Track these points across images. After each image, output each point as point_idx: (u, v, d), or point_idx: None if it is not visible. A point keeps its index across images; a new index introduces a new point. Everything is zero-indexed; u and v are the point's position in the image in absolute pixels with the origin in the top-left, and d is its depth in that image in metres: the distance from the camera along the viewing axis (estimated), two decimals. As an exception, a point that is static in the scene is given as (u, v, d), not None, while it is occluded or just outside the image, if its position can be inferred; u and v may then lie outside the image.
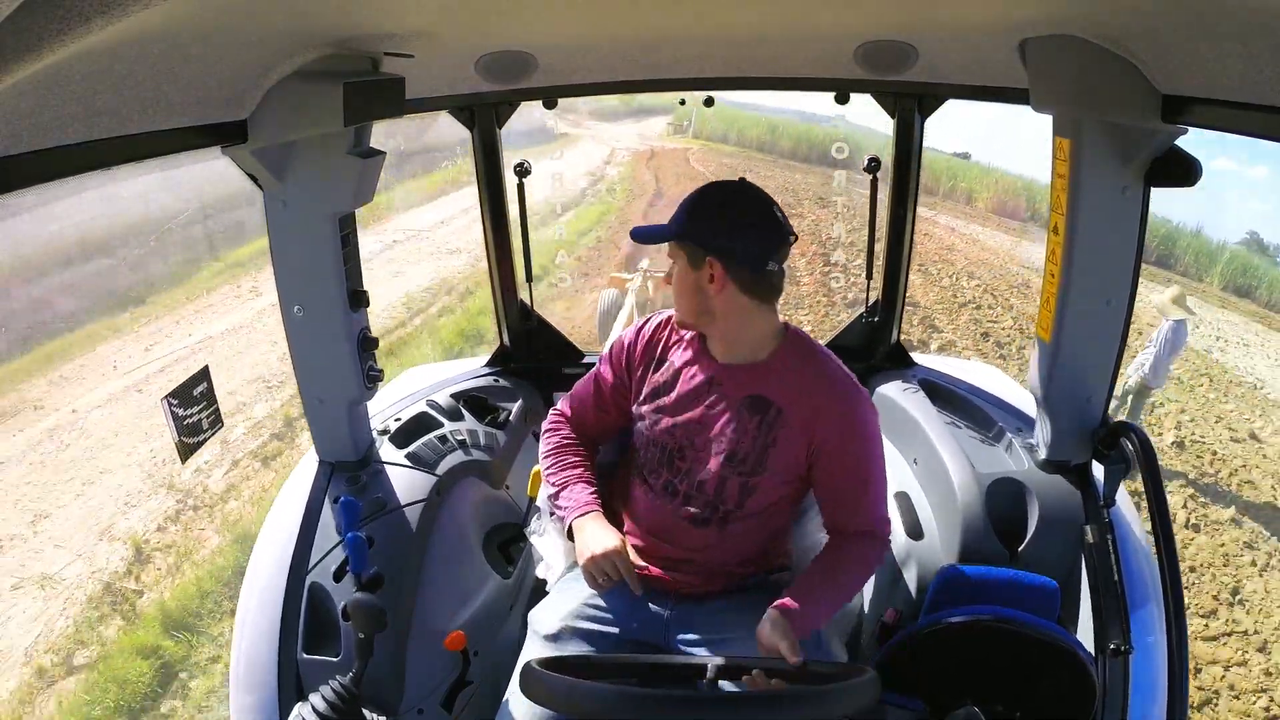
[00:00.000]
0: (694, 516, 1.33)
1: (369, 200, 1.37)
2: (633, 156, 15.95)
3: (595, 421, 1.50)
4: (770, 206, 1.27)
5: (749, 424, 1.29)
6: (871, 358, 2.04)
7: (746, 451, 1.29)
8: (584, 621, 1.32)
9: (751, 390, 1.30)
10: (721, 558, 1.35)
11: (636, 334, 1.45)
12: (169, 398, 1.24)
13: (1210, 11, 0.79)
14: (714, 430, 1.31)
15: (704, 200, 1.29)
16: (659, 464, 1.37)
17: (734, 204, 1.27)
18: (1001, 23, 1.14)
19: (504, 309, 2.07)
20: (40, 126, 0.71)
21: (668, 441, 1.36)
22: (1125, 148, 1.19)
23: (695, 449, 1.33)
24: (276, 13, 0.85)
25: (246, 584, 1.43)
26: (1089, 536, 1.37)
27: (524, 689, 1.04)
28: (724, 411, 1.31)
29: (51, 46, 0.50)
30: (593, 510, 1.36)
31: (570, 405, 1.52)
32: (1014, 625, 1.22)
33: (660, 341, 1.42)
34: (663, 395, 1.37)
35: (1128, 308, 1.33)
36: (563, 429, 1.51)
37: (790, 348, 1.32)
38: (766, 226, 1.25)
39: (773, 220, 1.25)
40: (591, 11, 1.12)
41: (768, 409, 1.29)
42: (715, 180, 1.34)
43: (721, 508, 1.32)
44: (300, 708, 1.19)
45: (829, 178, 10.37)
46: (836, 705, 0.96)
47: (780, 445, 1.29)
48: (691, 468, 1.33)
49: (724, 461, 1.30)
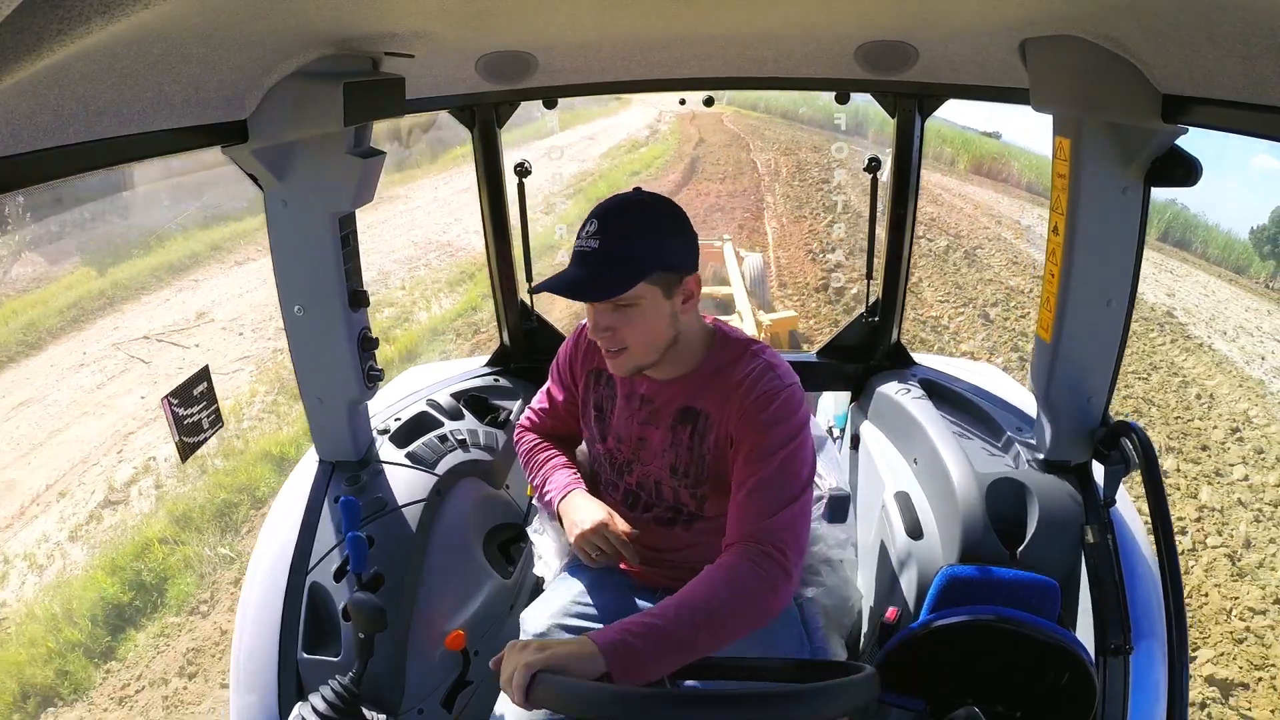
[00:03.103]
0: (660, 519, 1.33)
1: (369, 200, 1.37)
2: (676, 117, 18.52)
3: (555, 428, 1.49)
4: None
5: (682, 436, 1.26)
6: (871, 358, 2.04)
7: (686, 464, 1.27)
8: (573, 619, 1.33)
9: (681, 403, 1.26)
10: (700, 555, 1.33)
11: (575, 345, 1.40)
12: (169, 397, 1.24)
13: (1210, 11, 0.79)
14: (652, 446, 1.30)
15: (646, 218, 1.13)
16: (613, 475, 1.36)
17: (665, 209, 1.16)
18: (1001, 23, 1.13)
19: (504, 309, 2.07)
20: (40, 126, 0.71)
21: (616, 456, 1.35)
22: (1125, 148, 1.19)
23: (642, 463, 1.32)
24: (276, 13, 0.85)
25: (246, 584, 1.43)
26: (1089, 536, 1.37)
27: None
28: (658, 428, 1.28)
29: (51, 46, 0.50)
30: (575, 488, 1.35)
31: (531, 416, 1.52)
32: (1014, 625, 1.22)
33: (598, 353, 1.32)
34: (604, 413, 1.36)
35: (1128, 308, 1.33)
36: (527, 435, 1.51)
37: (718, 353, 1.26)
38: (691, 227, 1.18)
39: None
40: (591, 11, 1.12)
41: (696, 418, 1.25)
42: (612, 196, 1.16)
43: (684, 510, 1.31)
44: (300, 707, 1.20)
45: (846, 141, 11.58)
46: (836, 704, 0.96)
47: (712, 452, 1.24)
48: (642, 480, 1.33)
49: (669, 474, 1.29)
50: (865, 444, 1.95)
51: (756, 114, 20.54)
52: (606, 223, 1.12)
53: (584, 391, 1.40)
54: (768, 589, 1.07)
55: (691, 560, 1.34)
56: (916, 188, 1.89)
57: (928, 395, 1.80)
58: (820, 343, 1.34)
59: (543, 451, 1.46)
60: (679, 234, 1.16)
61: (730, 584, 1.05)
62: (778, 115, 20.57)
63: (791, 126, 18.77)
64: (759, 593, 1.06)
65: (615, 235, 1.11)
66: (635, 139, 16.24)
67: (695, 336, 1.25)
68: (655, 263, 1.12)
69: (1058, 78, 1.17)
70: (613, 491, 1.38)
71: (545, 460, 1.44)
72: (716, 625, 1.01)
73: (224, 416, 1.32)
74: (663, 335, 1.18)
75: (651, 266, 1.11)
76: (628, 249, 1.11)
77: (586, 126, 16.96)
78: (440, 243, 9.40)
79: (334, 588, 1.36)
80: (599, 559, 1.28)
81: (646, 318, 1.15)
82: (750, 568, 1.07)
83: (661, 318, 1.16)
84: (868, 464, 1.93)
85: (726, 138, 16.66)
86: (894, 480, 1.74)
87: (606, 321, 1.16)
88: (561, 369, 1.44)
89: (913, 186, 1.88)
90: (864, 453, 1.97)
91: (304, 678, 1.31)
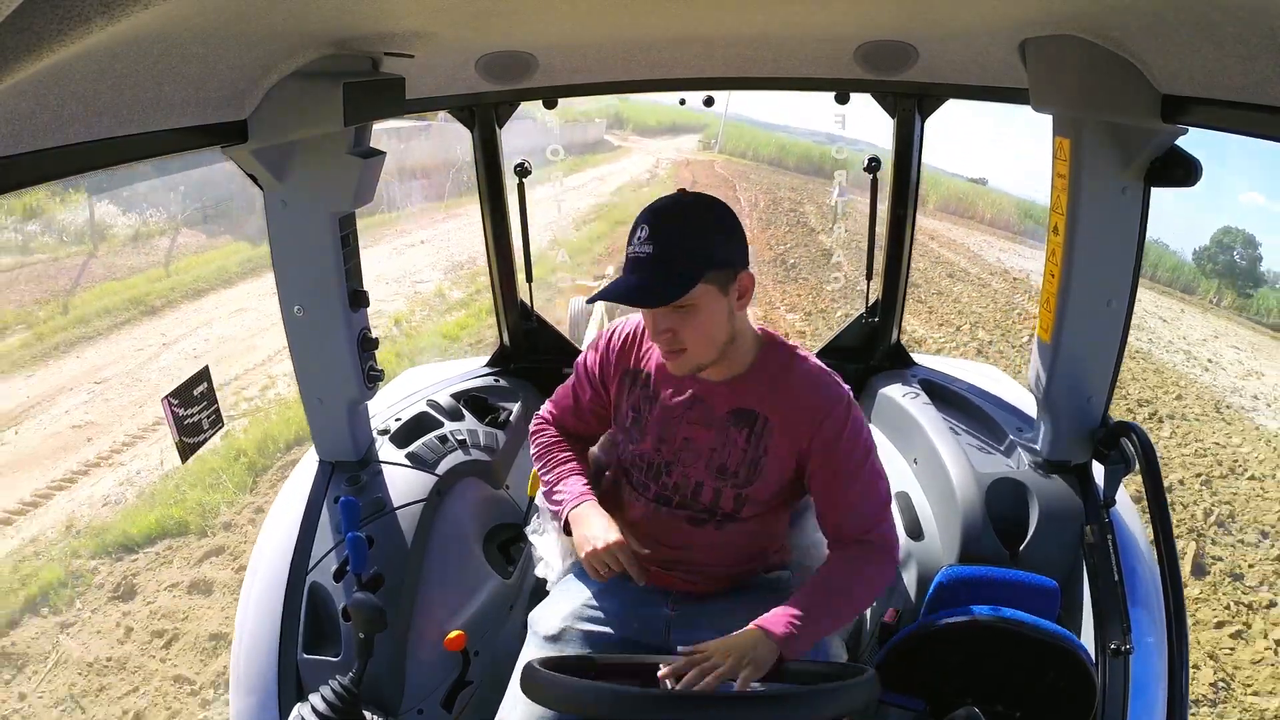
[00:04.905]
0: (690, 518, 1.32)
1: (369, 200, 1.37)
2: (673, 165, 21.54)
3: (576, 427, 1.49)
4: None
5: (737, 437, 1.26)
6: (871, 358, 2.04)
7: (737, 465, 1.27)
8: (584, 622, 1.32)
9: (735, 404, 1.26)
10: (719, 557, 1.34)
11: (607, 346, 1.39)
12: (169, 397, 1.24)
13: (1210, 11, 0.78)
14: (700, 447, 1.29)
15: (696, 219, 1.15)
16: (647, 478, 1.35)
17: (713, 208, 1.18)
18: (1001, 23, 1.13)
19: (504, 309, 2.07)
20: (40, 126, 0.71)
21: (654, 458, 1.33)
22: (1125, 148, 1.19)
23: (683, 465, 1.31)
24: (276, 13, 0.85)
25: (246, 584, 1.43)
26: (1089, 536, 1.37)
27: (525, 689, 1.04)
28: (709, 428, 1.28)
29: (51, 46, 0.50)
30: (587, 499, 1.35)
31: (553, 410, 1.51)
32: (1014, 625, 1.22)
33: (632, 354, 1.35)
34: (643, 414, 1.34)
35: (1128, 308, 1.33)
36: (548, 429, 1.50)
37: (768, 355, 1.28)
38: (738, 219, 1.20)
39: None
40: (591, 12, 1.12)
41: (755, 420, 1.25)
42: (659, 199, 1.19)
43: (719, 512, 1.31)
44: (300, 708, 1.20)
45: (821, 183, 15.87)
46: (836, 705, 0.96)
47: (771, 454, 1.26)
48: (680, 482, 1.32)
49: (714, 475, 1.29)
50: None
51: (745, 161, 23.82)
52: (657, 226, 1.13)
53: (617, 394, 1.38)
54: (885, 577, 1.26)
55: (712, 562, 1.34)
56: (917, 188, 1.89)
57: (928, 395, 1.80)
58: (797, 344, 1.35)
59: (561, 450, 1.45)
60: (729, 231, 1.17)
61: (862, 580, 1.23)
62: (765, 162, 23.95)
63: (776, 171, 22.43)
64: (878, 580, 1.25)
65: (668, 238, 1.12)
66: (638, 180, 18.74)
67: (747, 336, 1.26)
68: (708, 262, 1.12)
69: (1057, 78, 1.17)
70: (643, 492, 1.36)
71: (562, 460, 1.43)
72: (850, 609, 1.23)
73: (401, 318, 1.38)
74: (722, 333, 1.19)
75: (706, 266, 1.12)
76: (681, 251, 1.12)
77: (595, 170, 19.47)
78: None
79: (334, 588, 1.36)
80: (605, 575, 1.28)
81: (704, 317, 1.15)
82: (872, 567, 1.24)
83: (720, 316, 1.17)
84: None
85: (717, 180, 19.29)
86: (894, 480, 1.74)
87: (666, 324, 1.16)
88: (590, 370, 1.41)
89: (913, 187, 1.88)
90: None
91: (304, 678, 1.31)
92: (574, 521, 1.33)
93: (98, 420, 6.07)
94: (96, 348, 7.68)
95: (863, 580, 1.23)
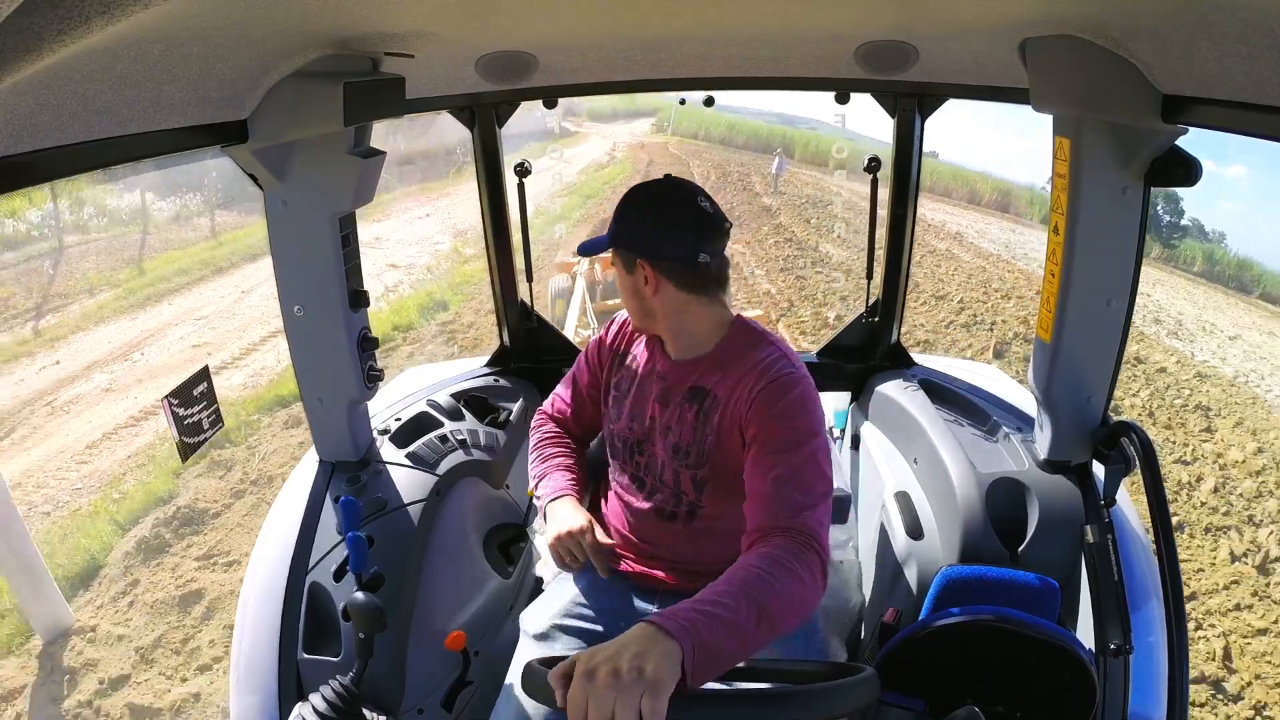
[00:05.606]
0: (661, 510, 1.34)
1: (369, 200, 1.37)
2: (628, 148, 23.31)
3: (575, 419, 1.53)
4: (696, 199, 1.25)
5: (688, 414, 1.29)
6: (871, 357, 2.04)
7: (689, 443, 1.29)
8: (572, 620, 1.33)
9: (693, 382, 1.30)
10: (695, 556, 1.34)
11: (606, 332, 1.48)
12: (169, 397, 1.24)
13: (1210, 11, 0.78)
14: (661, 424, 1.33)
15: (629, 204, 1.28)
16: (624, 458, 1.39)
17: (658, 203, 1.26)
18: (1001, 23, 1.13)
19: (504, 309, 2.07)
20: (40, 126, 0.71)
21: (628, 436, 1.38)
22: (1125, 148, 1.19)
23: (650, 443, 1.35)
24: (276, 13, 0.85)
25: (246, 584, 1.43)
26: (1089, 536, 1.37)
27: (525, 688, 1.04)
28: (669, 405, 1.32)
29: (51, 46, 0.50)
30: (565, 495, 1.38)
31: (552, 404, 1.56)
32: (1014, 625, 1.22)
33: (624, 339, 1.45)
34: (622, 392, 1.40)
35: (1128, 308, 1.33)
36: (546, 425, 1.54)
37: (735, 337, 1.30)
38: (693, 220, 1.23)
39: (700, 213, 1.24)
40: (591, 11, 1.12)
41: (704, 397, 1.28)
42: (642, 181, 1.33)
43: (685, 499, 1.32)
44: (300, 708, 1.20)
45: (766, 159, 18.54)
46: (836, 705, 0.96)
47: (718, 433, 1.26)
48: (649, 461, 1.36)
49: (672, 455, 1.31)
50: (865, 444, 1.95)
51: (696, 141, 25.66)
52: (625, 197, 1.31)
53: (608, 374, 1.45)
54: (813, 585, 1.01)
55: (684, 563, 1.35)
56: (917, 188, 1.89)
57: (928, 395, 1.80)
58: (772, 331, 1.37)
59: (551, 446, 1.49)
60: (647, 220, 1.26)
61: (782, 574, 0.98)
62: (716, 142, 25.72)
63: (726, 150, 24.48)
64: (806, 586, 1.00)
65: (619, 207, 1.30)
66: (599, 162, 21.13)
67: (705, 320, 1.29)
68: (617, 240, 1.28)
69: (1058, 78, 1.17)
70: (622, 475, 1.40)
71: (551, 456, 1.47)
72: (768, 620, 0.94)
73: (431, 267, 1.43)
74: (633, 302, 1.31)
75: (615, 242, 1.28)
76: (615, 219, 1.29)
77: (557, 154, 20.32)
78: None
79: (334, 588, 1.36)
80: (571, 564, 1.31)
81: (619, 282, 1.33)
82: (794, 561, 1.01)
83: (628, 288, 1.30)
84: (868, 464, 1.92)
85: (671, 159, 21.86)
86: (894, 480, 1.74)
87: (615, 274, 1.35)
88: (590, 354, 1.50)
89: (913, 187, 1.87)
90: (864, 453, 1.97)
91: (304, 678, 1.31)
92: (549, 513, 1.37)
93: (212, 341, 8.06)
94: (184, 296, 9.73)
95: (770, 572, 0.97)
